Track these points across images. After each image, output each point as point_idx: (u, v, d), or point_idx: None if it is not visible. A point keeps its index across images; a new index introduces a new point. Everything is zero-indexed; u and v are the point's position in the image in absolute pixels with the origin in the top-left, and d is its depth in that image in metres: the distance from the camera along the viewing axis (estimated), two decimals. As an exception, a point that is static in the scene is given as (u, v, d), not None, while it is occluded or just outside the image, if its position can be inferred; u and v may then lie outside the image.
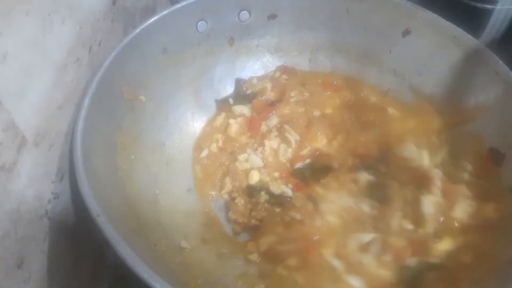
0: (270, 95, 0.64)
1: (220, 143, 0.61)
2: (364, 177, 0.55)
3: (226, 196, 0.57)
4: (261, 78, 0.67)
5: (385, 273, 0.48)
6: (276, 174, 0.58)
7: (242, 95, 0.65)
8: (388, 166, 0.56)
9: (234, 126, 0.61)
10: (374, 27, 0.62)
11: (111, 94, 0.50)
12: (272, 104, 0.62)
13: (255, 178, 0.57)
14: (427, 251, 0.49)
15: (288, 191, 0.56)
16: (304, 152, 0.59)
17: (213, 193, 0.58)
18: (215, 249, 0.52)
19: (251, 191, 0.56)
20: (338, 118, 0.62)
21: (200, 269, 0.49)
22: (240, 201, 0.55)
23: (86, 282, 0.48)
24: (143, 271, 0.35)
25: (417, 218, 0.51)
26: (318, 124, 0.60)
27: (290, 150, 0.59)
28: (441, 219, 0.50)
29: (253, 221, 0.54)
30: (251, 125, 0.61)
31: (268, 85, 0.65)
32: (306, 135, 0.60)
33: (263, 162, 0.58)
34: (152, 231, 0.49)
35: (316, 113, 0.62)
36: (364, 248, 0.49)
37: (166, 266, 0.46)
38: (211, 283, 0.48)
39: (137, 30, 0.53)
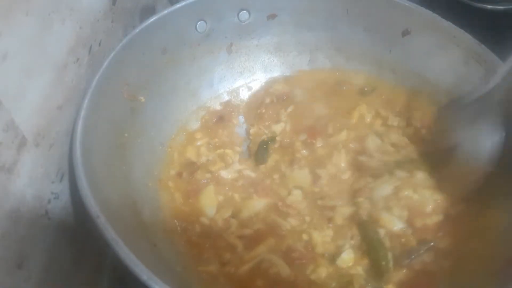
0: None
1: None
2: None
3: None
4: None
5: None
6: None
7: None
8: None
9: None
10: (373, 27, 0.62)
11: (111, 94, 0.50)
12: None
13: None
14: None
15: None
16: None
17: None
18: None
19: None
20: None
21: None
22: None
23: (86, 282, 0.48)
24: (143, 272, 0.35)
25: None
26: None
27: None
28: None
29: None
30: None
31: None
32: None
33: None
34: (152, 231, 0.49)
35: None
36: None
37: (166, 267, 0.46)
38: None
39: (137, 30, 0.53)
